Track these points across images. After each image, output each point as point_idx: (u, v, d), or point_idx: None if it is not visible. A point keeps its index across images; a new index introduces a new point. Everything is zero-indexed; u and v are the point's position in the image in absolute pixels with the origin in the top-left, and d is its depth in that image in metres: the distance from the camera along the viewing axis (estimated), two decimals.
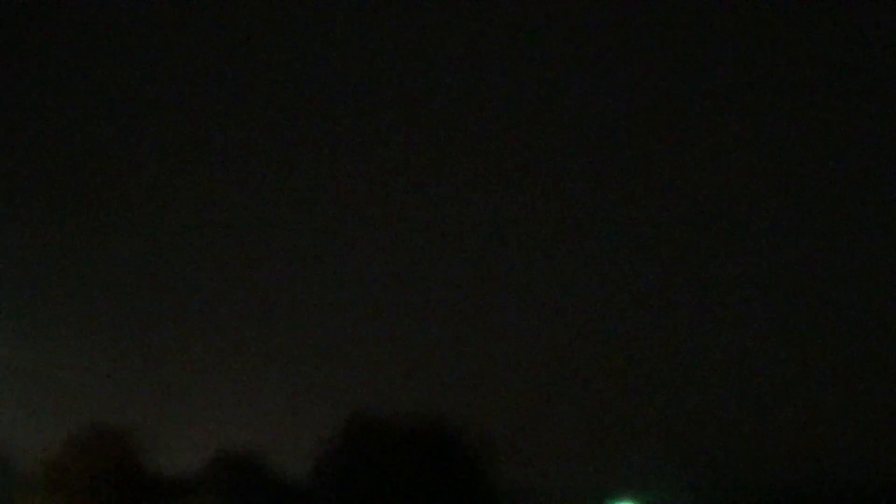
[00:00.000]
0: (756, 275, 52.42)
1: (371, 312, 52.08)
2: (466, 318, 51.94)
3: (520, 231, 55.04)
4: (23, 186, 51.96)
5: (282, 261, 53.62)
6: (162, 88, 55.98)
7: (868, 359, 47.53)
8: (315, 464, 38.94)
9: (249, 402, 44.89)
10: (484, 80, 57.06)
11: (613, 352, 49.10)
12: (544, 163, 55.93)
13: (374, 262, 53.99)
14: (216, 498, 37.44)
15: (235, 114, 55.05)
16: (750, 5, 55.23)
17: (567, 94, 56.66)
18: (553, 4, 56.85)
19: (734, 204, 54.72)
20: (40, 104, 54.57)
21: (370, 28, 57.21)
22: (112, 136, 54.93)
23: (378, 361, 48.12)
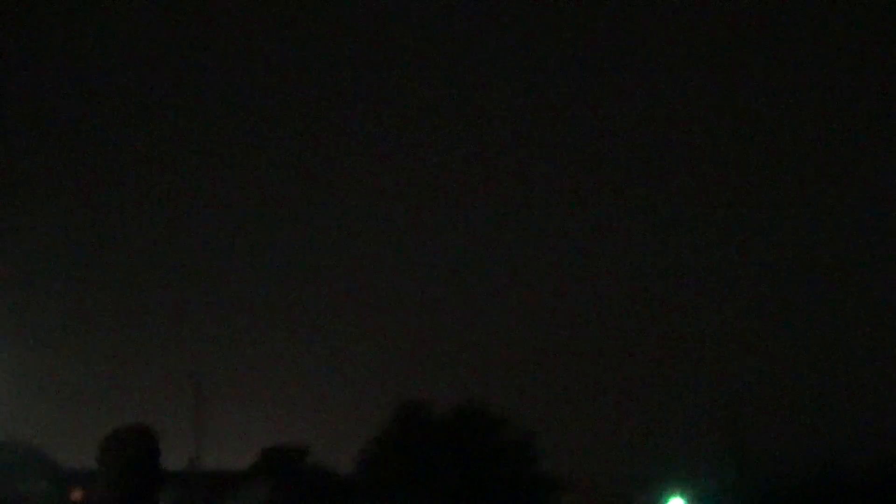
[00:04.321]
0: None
1: (416, 304, 52.26)
2: (511, 308, 52.08)
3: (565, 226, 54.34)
4: None
5: (331, 256, 53.84)
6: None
7: None
8: (362, 456, 38.78)
9: (298, 397, 45.22)
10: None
11: (662, 339, 48.74)
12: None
13: (418, 256, 54.11)
14: (267, 491, 36.63)
15: None
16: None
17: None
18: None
19: None
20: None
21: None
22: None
23: (424, 354, 48.00)
